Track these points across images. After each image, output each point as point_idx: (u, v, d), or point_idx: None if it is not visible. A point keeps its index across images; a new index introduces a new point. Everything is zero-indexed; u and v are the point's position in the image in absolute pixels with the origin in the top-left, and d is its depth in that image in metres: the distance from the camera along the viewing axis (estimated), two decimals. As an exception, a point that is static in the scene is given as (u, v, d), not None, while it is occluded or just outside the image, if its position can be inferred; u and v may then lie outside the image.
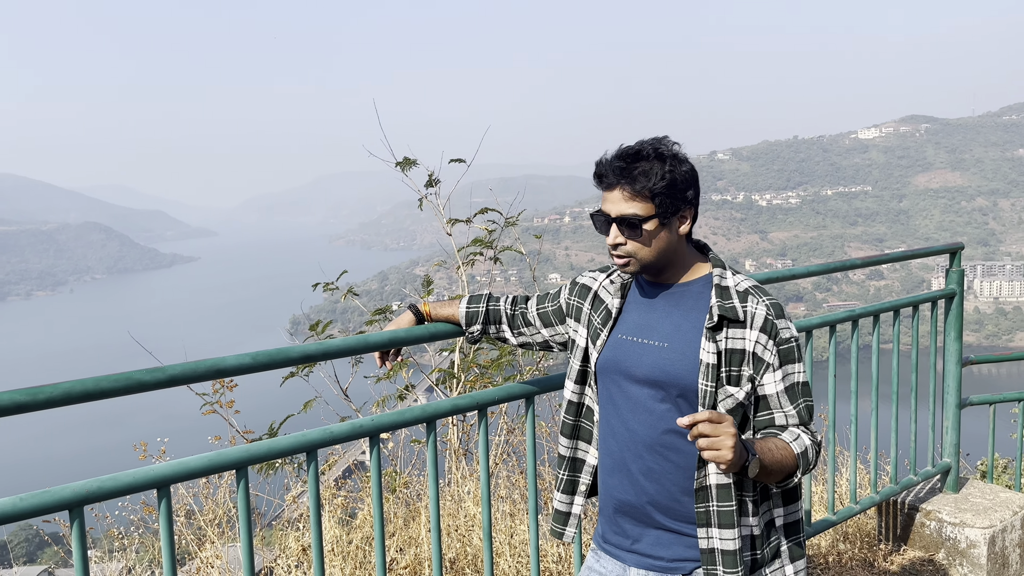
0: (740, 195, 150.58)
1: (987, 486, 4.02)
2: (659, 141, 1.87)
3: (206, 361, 1.93)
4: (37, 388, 1.68)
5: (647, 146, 1.85)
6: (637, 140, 1.89)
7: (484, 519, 2.45)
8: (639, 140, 1.89)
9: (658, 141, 1.87)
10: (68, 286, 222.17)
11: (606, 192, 1.88)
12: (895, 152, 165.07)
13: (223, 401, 3.97)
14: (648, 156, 1.83)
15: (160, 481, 1.84)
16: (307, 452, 2.11)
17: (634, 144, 1.87)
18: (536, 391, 2.53)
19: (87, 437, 57.88)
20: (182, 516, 3.76)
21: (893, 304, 3.58)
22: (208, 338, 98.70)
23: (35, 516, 1.70)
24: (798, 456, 1.82)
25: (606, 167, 1.86)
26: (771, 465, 1.76)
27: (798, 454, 1.82)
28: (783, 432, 1.86)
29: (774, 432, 1.87)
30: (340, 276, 4.78)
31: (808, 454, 1.84)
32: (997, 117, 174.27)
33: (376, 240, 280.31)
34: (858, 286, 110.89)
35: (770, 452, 1.77)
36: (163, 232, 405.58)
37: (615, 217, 1.86)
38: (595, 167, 1.89)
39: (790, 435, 1.84)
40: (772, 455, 1.77)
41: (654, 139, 1.88)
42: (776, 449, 1.79)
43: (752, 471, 1.70)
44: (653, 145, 1.85)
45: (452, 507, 3.70)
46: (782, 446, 1.81)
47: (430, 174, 4.67)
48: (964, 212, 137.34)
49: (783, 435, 1.85)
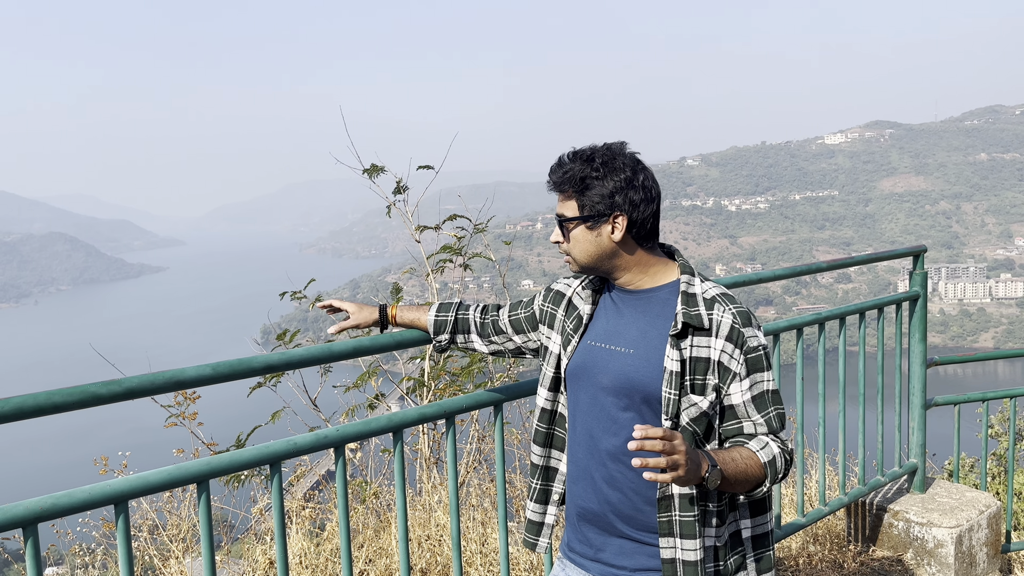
0: (710, 200, 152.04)
1: (954, 486, 4.07)
2: (604, 147, 1.90)
3: (165, 373, 1.88)
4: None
5: (586, 151, 1.90)
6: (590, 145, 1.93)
7: (453, 528, 2.43)
8: (591, 145, 1.92)
9: (603, 147, 1.90)
10: (32, 298, 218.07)
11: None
12: (861, 157, 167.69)
13: (187, 413, 3.90)
14: (581, 159, 1.89)
15: (117, 497, 1.79)
16: (271, 464, 2.07)
17: (583, 148, 1.92)
18: (504, 398, 2.50)
19: (49, 452, 56.77)
20: (145, 532, 3.68)
21: (858, 307, 3.62)
22: (177, 348, 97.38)
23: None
24: (765, 465, 1.79)
25: (550, 170, 1.94)
26: (734, 476, 1.73)
27: (765, 463, 1.79)
28: (751, 441, 1.83)
29: (742, 441, 1.84)
30: (308, 285, 4.72)
31: (776, 463, 1.81)
32: (959, 122, 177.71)
33: (347, 248, 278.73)
34: (827, 289, 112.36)
35: (733, 462, 1.74)
36: (130, 242, 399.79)
37: (555, 217, 1.96)
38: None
39: (758, 443, 1.82)
40: (735, 465, 1.74)
41: (602, 145, 1.91)
42: (740, 459, 1.76)
43: (712, 483, 1.67)
44: (591, 150, 1.90)
45: (423, 516, 3.67)
46: (747, 455, 1.78)
47: (398, 181, 4.63)
48: (928, 216, 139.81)
49: (750, 444, 1.82)
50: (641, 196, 1.88)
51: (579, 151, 1.90)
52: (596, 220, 1.88)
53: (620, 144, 1.91)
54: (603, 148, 1.90)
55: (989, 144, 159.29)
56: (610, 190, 1.86)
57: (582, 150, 1.91)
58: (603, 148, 1.90)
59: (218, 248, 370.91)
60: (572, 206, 1.91)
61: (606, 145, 1.91)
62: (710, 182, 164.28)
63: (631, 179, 1.87)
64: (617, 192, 1.86)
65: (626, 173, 1.86)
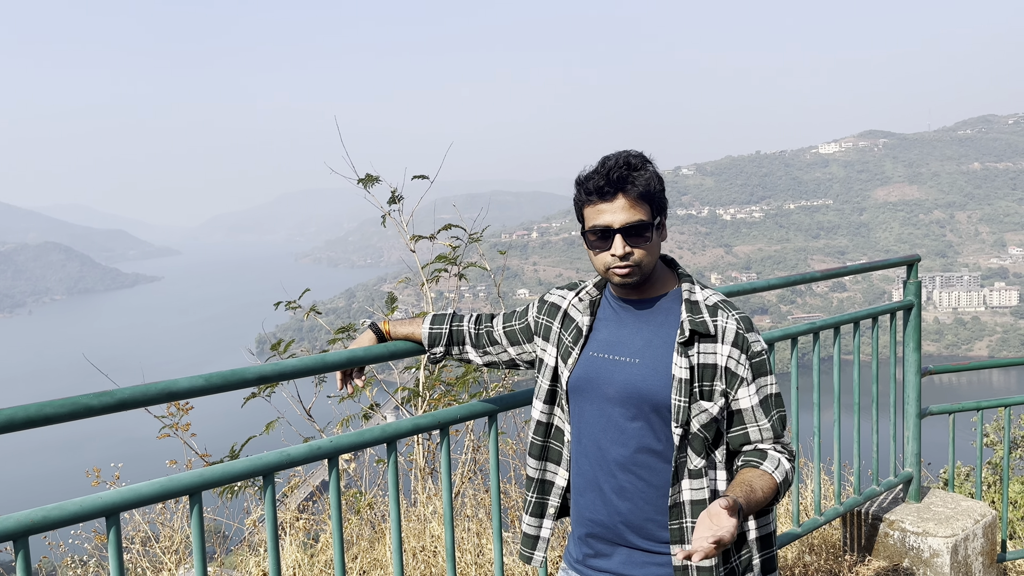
0: (705, 209, 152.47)
1: (949, 495, 4.06)
2: (636, 152, 1.88)
3: (158, 384, 1.87)
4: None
5: (629, 156, 1.85)
6: (608, 153, 1.89)
7: (447, 539, 2.41)
8: (614, 152, 1.88)
9: (635, 151, 1.88)
10: (27, 308, 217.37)
11: (602, 204, 1.84)
12: (855, 166, 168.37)
13: (180, 424, 3.88)
14: (639, 165, 1.85)
15: (109, 509, 1.78)
16: (264, 475, 2.05)
17: (615, 154, 1.86)
18: (498, 409, 2.50)
19: (41, 463, 56.44)
20: (137, 544, 3.66)
21: (853, 316, 3.62)
22: (172, 358, 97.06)
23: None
24: (779, 485, 1.81)
25: (603, 177, 1.83)
26: (755, 508, 1.74)
27: (779, 483, 1.81)
28: (763, 459, 1.83)
29: (754, 462, 1.83)
30: (303, 294, 4.72)
31: (788, 479, 1.84)
32: (952, 132, 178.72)
33: (343, 258, 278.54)
34: (821, 298, 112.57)
35: (754, 495, 1.74)
36: (125, 252, 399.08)
37: (621, 227, 1.82)
38: (586, 181, 1.86)
39: (771, 463, 1.82)
40: (755, 496, 1.74)
41: (628, 150, 1.88)
42: (758, 489, 1.76)
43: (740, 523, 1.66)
44: (633, 154, 1.86)
45: (417, 527, 3.65)
46: (766, 484, 1.78)
47: (393, 191, 4.64)
48: (922, 225, 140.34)
49: (764, 464, 1.82)
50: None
51: (626, 156, 1.85)
52: (663, 221, 1.91)
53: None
54: (636, 152, 1.87)
55: (982, 153, 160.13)
56: (663, 190, 1.90)
57: (627, 154, 1.85)
58: (636, 152, 1.87)
59: (213, 258, 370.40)
60: (646, 211, 1.84)
61: (629, 151, 1.88)
62: (705, 191, 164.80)
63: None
64: (664, 193, 1.90)
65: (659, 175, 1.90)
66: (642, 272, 1.87)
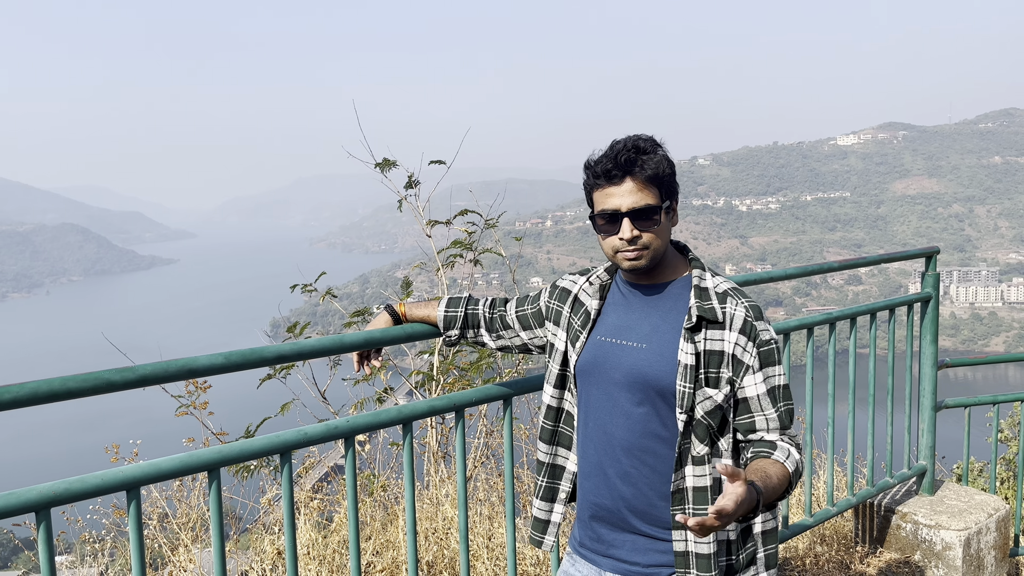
0: (720, 200, 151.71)
1: (962, 488, 4.05)
2: (645, 135, 1.87)
3: (178, 361, 1.90)
4: (3, 388, 1.64)
5: (638, 140, 1.84)
6: (618, 138, 1.88)
7: (460, 522, 2.43)
8: (624, 137, 1.87)
9: (644, 135, 1.87)
10: (44, 288, 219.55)
11: (610, 187, 1.83)
12: (873, 159, 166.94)
13: (197, 403, 3.92)
14: (649, 148, 1.84)
15: (130, 483, 1.80)
16: (281, 454, 2.08)
17: (625, 138, 1.86)
18: (513, 393, 2.51)
19: (60, 440, 57.10)
20: (155, 520, 3.71)
21: (870, 307, 3.60)
22: (187, 340, 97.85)
23: (0, 519, 1.67)
24: (791, 475, 1.78)
25: (611, 160, 1.82)
26: (771, 496, 1.72)
27: (791, 473, 1.78)
28: (774, 450, 1.80)
29: (764, 452, 1.81)
30: (318, 278, 4.74)
31: (799, 469, 1.82)
32: (973, 125, 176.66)
33: (357, 243, 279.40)
34: (836, 291, 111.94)
35: (768, 480, 1.71)
36: (141, 234, 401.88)
37: (629, 210, 1.82)
38: (594, 165, 1.85)
39: (782, 453, 1.80)
40: (771, 483, 1.71)
41: (638, 134, 1.87)
42: (774, 478, 1.73)
43: (758, 513, 1.64)
44: (642, 138, 1.85)
45: (430, 510, 3.68)
46: (780, 473, 1.75)
47: (409, 176, 4.64)
48: (941, 218, 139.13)
49: (775, 454, 1.80)
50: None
51: (635, 139, 1.84)
52: (673, 204, 1.89)
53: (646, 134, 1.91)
54: (647, 136, 1.87)
55: (1003, 147, 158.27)
56: (673, 174, 1.89)
57: (637, 137, 1.85)
58: (647, 136, 1.87)
59: (229, 241, 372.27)
60: (655, 194, 1.83)
61: (639, 135, 1.88)
62: (721, 182, 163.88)
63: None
64: (674, 177, 1.89)
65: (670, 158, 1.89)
66: (650, 256, 1.86)
